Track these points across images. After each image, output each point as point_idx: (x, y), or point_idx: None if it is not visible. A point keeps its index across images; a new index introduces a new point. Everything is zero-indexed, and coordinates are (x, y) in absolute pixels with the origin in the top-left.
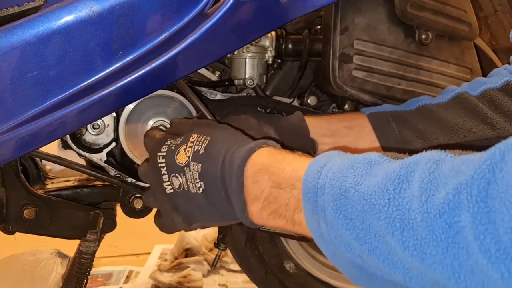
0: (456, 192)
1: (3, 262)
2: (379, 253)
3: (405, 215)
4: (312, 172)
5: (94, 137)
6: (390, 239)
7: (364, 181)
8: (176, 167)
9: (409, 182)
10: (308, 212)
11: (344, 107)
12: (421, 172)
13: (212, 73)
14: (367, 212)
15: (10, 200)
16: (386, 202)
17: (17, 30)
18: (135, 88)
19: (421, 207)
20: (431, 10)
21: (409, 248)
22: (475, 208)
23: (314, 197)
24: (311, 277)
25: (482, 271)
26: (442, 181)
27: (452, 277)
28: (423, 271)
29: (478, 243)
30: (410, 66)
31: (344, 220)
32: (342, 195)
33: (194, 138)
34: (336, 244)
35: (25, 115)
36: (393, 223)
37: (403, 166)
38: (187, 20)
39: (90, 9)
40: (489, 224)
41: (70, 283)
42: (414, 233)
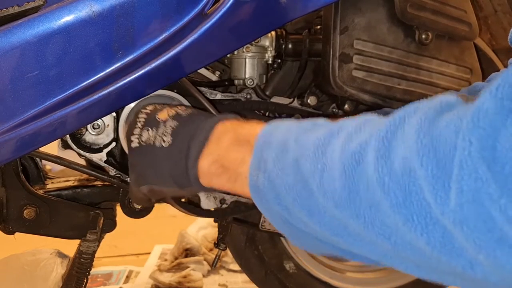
0: (370, 135)
1: (3, 262)
2: (300, 200)
3: (328, 158)
4: (267, 131)
5: (94, 137)
6: (312, 181)
7: (305, 135)
8: (154, 121)
9: (338, 135)
10: (253, 167)
11: (344, 107)
12: (349, 127)
13: (212, 73)
14: (298, 160)
15: (10, 200)
16: (315, 148)
17: (17, 30)
18: (135, 88)
19: (340, 150)
20: (431, 10)
21: (324, 187)
22: (379, 145)
23: (261, 151)
24: (311, 277)
25: (377, 203)
26: (363, 132)
27: (354, 214)
28: (334, 212)
29: (376, 175)
30: (410, 66)
31: (279, 170)
32: (283, 148)
33: (181, 107)
34: (268, 198)
35: (25, 115)
36: (316, 166)
37: (339, 125)
38: (187, 20)
39: (90, 9)
40: (387, 159)
41: (70, 283)
42: (330, 173)
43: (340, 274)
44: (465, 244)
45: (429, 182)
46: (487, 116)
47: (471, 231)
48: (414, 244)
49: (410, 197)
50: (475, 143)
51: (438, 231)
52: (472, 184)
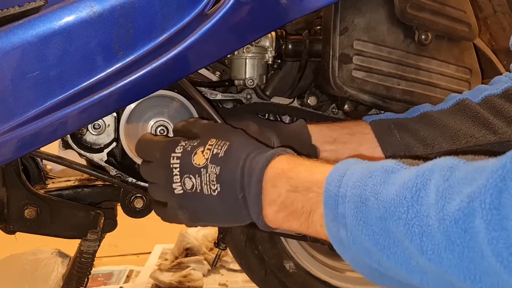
0: (470, 200)
1: (4, 261)
2: (397, 258)
3: (423, 221)
4: (333, 181)
5: (95, 137)
6: (409, 244)
7: (383, 189)
8: (192, 168)
9: (425, 190)
10: (328, 220)
11: (343, 108)
12: (436, 180)
13: (212, 73)
14: (386, 219)
15: (11, 200)
16: (405, 209)
17: (18, 30)
18: (135, 88)
19: (437, 214)
20: (431, 11)
21: (427, 253)
22: (488, 215)
23: (335, 205)
24: (311, 276)
25: (495, 273)
26: (456, 189)
27: (468, 278)
28: (440, 274)
29: (491, 247)
30: (410, 66)
31: (364, 227)
32: (363, 203)
33: (213, 142)
34: (355, 250)
35: (26, 115)
36: (412, 229)
37: (419, 174)
38: (187, 21)
39: (91, 9)
40: (502, 231)
41: (71, 282)
42: (432, 238)
43: (339, 273)
44: None
45: None
46: None
47: None
48: None
49: None
50: None
51: None
52: None
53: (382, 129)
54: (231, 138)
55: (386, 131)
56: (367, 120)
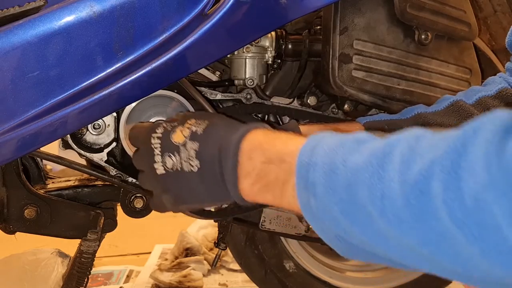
0: (431, 163)
1: (4, 261)
2: (361, 225)
3: (385, 184)
4: (306, 150)
5: (95, 137)
6: (371, 208)
7: (352, 157)
8: (171, 145)
9: (391, 157)
10: (300, 188)
11: (343, 107)
12: (402, 148)
13: (212, 73)
14: (352, 185)
15: (11, 200)
16: (370, 174)
17: (17, 30)
18: (135, 88)
19: (399, 177)
20: (431, 11)
21: (387, 215)
22: (446, 177)
23: (306, 173)
24: (311, 276)
25: (450, 236)
26: (420, 155)
27: (424, 242)
28: (400, 239)
29: (446, 208)
30: (410, 66)
31: (332, 195)
32: (332, 171)
33: (192, 121)
34: (324, 220)
35: (26, 115)
36: (375, 193)
37: (387, 143)
38: (187, 21)
39: (91, 9)
40: (457, 191)
41: (71, 282)
42: (392, 201)
43: (339, 273)
44: None
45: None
46: None
47: None
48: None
49: (487, 232)
50: None
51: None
52: None
53: (375, 130)
54: (209, 118)
55: (380, 133)
56: (360, 121)
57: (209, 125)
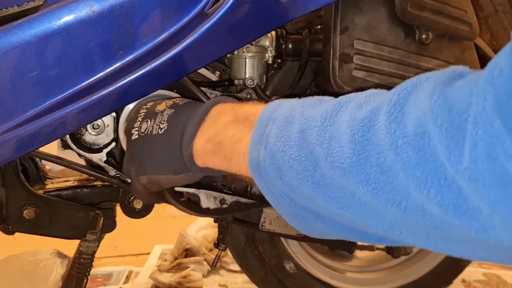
0: (380, 102)
1: (3, 262)
2: (305, 172)
3: (336, 127)
4: (270, 107)
5: (94, 137)
6: (318, 150)
7: (310, 109)
8: (152, 113)
9: (346, 107)
10: (253, 143)
11: None
12: (357, 99)
13: (212, 73)
14: (304, 131)
15: (10, 200)
16: (323, 119)
17: (17, 30)
18: (135, 88)
19: (349, 119)
20: (432, 10)
21: (332, 155)
22: (391, 110)
23: (264, 127)
24: (311, 277)
25: (388, 168)
26: (372, 102)
27: (364, 179)
28: (341, 182)
29: (388, 139)
30: (410, 66)
31: (283, 144)
32: (288, 121)
33: (179, 99)
34: (270, 173)
35: (25, 115)
36: (324, 134)
37: (346, 97)
38: (187, 20)
39: (90, 9)
40: (400, 123)
41: (70, 283)
42: (339, 141)
43: (340, 274)
44: (479, 204)
45: (443, 141)
46: (502, 74)
47: (486, 187)
48: (426, 208)
49: (424, 158)
50: (490, 99)
51: (452, 192)
52: (486, 139)
53: None
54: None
55: None
56: None
57: (193, 101)
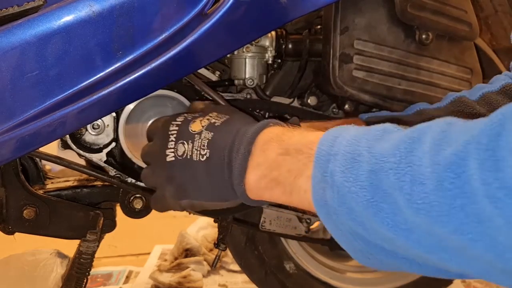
0: (466, 144)
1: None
2: (384, 215)
3: (415, 170)
4: (327, 140)
5: (94, 137)
6: (398, 195)
7: (377, 145)
8: (187, 133)
9: (421, 142)
10: (316, 181)
11: (344, 107)
12: (433, 132)
13: (212, 73)
14: (376, 172)
15: (9, 200)
16: (398, 159)
17: (17, 30)
18: (135, 88)
19: (431, 160)
20: (431, 10)
21: (416, 202)
22: (483, 156)
23: (325, 163)
24: (311, 277)
25: (488, 219)
26: (453, 138)
27: (458, 229)
28: (428, 228)
29: (484, 189)
30: (410, 66)
31: (352, 183)
32: (354, 159)
33: (213, 114)
34: (339, 213)
35: (25, 115)
36: (403, 178)
37: (416, 129)
38: (187, 20)
39: (90, 9)
40: (497, 172)
41: (70, 283)
42: (423, 186)
43: (340, 274)
44: None
45: None
46: None
47: None
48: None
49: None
50: None
51: None
52: None
53: None
54: (231, 113)
55: None
56: (362, 118)
57: (228, 119)
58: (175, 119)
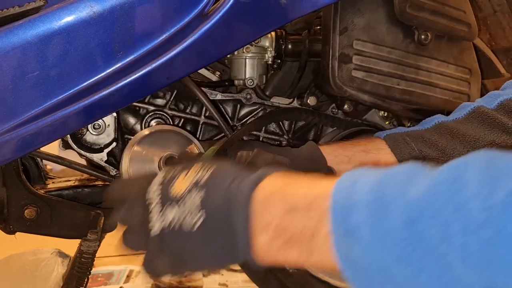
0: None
1: (4, 261)
2: (429, 274)
3: (465, 216)
4: (343, 190)
5: (95, 137)
6: (447, 249)
7: (408, 189)
8: (171, 197)
9: (463, 182)
10: (338, 237)
11: (343, 107)
12: (475, 170)
13: (212, 73)
14: (415, 222)
15: (11, 200)
16: (441, 205)
17: (18, 30)
18: (135, 88)
19: (483, 204)
20: (430, 11)
21: (473, 255)
22: None
23: (346, 216)
24: (311, 276)
25: None
26: (502, 176)
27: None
28: (488, 283)
29: None
30: (409, 66)
31: (385, 237)
32: (383, 208)
33: (197, 166)
34: (371, 272)
35: (26, 115)
36: (452, 228)
37: (452, 167)
38: (187, 21)
39: (91, 9)
40: None
41: (71, 282)
42: (477, 235)
43: (340, 273)
44: None
45: None
46: None
47: None
48: None
49: None
50: None
51: None
52: None
53: (397, 142)
54: (216, 163)
55: (402, 144)
56: (380, 136)
57: (216, 169)
58: (152, 180)
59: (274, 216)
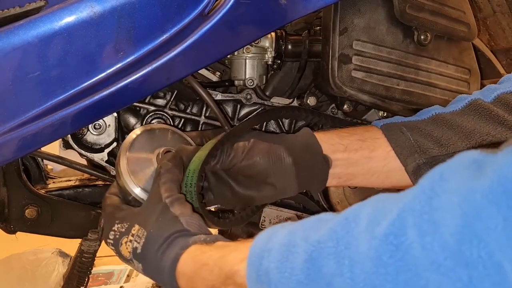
0: (400, 212)
1: (5, 261)
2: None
3: (353, 250)
4: (258, 242)
5: (95, 137)
6: (340, 281)
7: (313, 233)
8: (123, 258)
9: (356, 221)
10: (251, 281)
11: (343, 108)
12: (367, 210)
13: (212, 74)
14: (315, 260)
15: (12, 200)
16: (335, 243)
17: (18, 30)
18: (136, 88)
19: (368, 236)
20: (430, 11)
21: (359, 285)
22: (419, 221)
23: (259, 261)
24: None
25: (437, 285)
26: (387, 210)
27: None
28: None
29: (427, 256)
30: (409, 66)
31: (290, 278)
32: (289, 251)
33: (134, 231)
34: None
35: (27, 115)
36: (342, 261)
37: (350, 210)
38: (188, 21)
39: (92, 10)
40: (435, 234)
41: (71, 282)
42: (362, 266)
43: None
44: None
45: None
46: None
47: None
48: None
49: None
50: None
51: None
52: None
53: (393, 132)
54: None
55: (398, 134)
56: (377, 125)
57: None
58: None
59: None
